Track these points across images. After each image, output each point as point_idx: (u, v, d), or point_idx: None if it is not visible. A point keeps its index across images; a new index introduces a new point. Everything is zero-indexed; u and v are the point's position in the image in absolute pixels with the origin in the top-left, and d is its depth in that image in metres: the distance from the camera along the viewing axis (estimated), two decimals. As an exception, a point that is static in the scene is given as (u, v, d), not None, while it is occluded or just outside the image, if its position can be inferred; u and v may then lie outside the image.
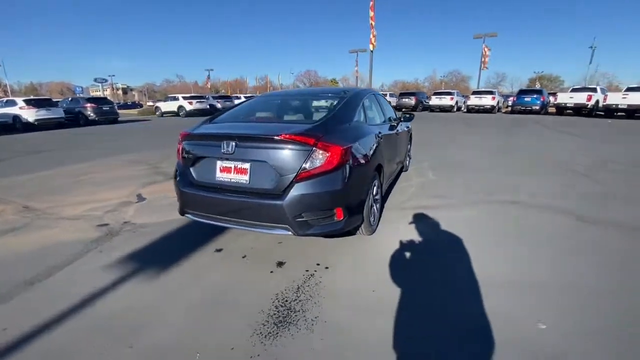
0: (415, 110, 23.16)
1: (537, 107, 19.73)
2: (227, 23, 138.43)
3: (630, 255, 2.53)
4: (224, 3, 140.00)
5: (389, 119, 3.96)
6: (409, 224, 3.19)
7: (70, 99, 18.34)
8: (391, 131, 3.64)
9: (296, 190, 2.17)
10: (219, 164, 2.40)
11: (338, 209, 2.29)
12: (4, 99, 15.41)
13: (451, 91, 24.39)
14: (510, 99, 24.69)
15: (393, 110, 4.44)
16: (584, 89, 18.59)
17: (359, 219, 2.56)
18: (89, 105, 16.61)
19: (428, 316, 1.88)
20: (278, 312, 1.93)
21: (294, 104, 3.52)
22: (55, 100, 16.96)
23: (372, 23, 19.85)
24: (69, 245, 2.86)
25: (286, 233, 2.25)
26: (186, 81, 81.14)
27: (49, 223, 3.37)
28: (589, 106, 17.67)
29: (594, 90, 17.97)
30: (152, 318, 1.91)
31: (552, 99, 21.06)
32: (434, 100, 23.62)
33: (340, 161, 2.25)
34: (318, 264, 2.47)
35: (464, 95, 27.02)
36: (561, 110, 19.16)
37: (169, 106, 22.84)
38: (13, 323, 1.87)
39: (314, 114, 3.21)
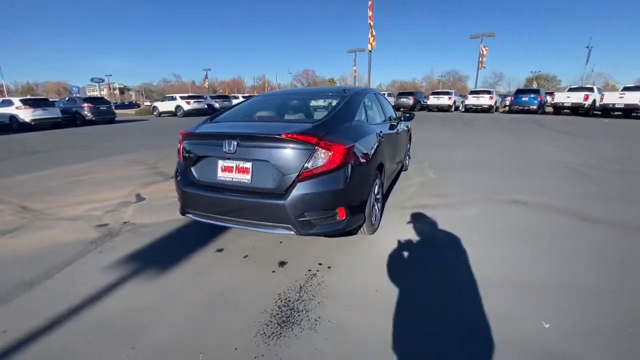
0: (413, 110, 23.21)
1: (535, 107, 19.84)
2: (225, 23, 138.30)
3: (631, 255, 2.53)
4: (221, 3, 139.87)
5: (389, 118, 3.97)
6: (410, 223, 3.18)
7: (67, 98, 18.23)
8: (391, 130, 3.64)
9: (298, 190, 2.16)
10: (221, 163, 2.38)
11: (340, 209, 2.28)
12: (0, 99, 15.28)
13: (449, 91, 24.43)
14: (508, 99, 24.79)
15: (393, 109, 4.44)
16: (581, 89, 18.70)
17: (361, 219, 2.55)
18: (86, 105, 16.53)
19: (430, 316, 1.87)
20: (281, 312, 1.92)
21: (295, 103, 3.50)
22: (52, 100, 16.83)
23: (371, 23, 19.86)
24: (68, 245, 2.83)
25: (288, 233, 2.23)
26: (183, 81, 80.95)
27: (48, 223, 3.34)
28: (586, 106, 17.77)
29: (591, 90, 18.09)
30: (154, 319, 1.89)
31: (550, 98, 21.16)
32: (432, 100, 23.67)
33: (343, 160, 2.24)
34: (320, 264, 2.46)
35: (461, 95, 27.10)
36: (558, 109, 19.27)
37: (166, 106, 22.75)
38: (13, 325, 1.85)
39: (315, 113, 3.20)
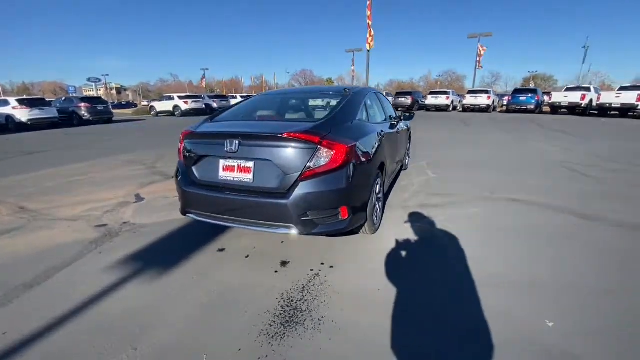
0: (411, 110, 23.24)
1: (532, 106, 19.93)
2: (223, 22, 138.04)
3: (630, 254, 2.53)
4: (219, 2, 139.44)
5: (390, 118, 3.96)
6: (411, 222, 3.18)
7: (64, 98, 18.10)
8: (392, 130, 3.63)
9: (301, 189, 2.15)
10: (222, 162, 2.36)
11: (343, 208, 2.27)
12: (-4, 99, 15.17)
13: (447, 90, 24.49)
14: (505, 98, 24.89)
15: (393, 108, 4.44)
16: (578, 88, 18.80)
17: (363, 218, 2.54)
18: (83, 105, 16.43)
19: (432, 315, 1.87)
20: (284, 312, 1.91)
21: (296, 103, 3.48)
22: (48, 100, 16.72)
23: (369, 22, 19.83)
24: (67, 246, 2.81)
25: (291, 232, 2.22)
26: (181, 80, 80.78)
27: (47, 224, 3.31)
28: (583, 105, 17.85)
29: (588, 90, 18.18)
30: (156, 319, 1.88)
31: (547, 98, 21.26)
32: (430, 100, 23.70)
33: (345, 159, 2.23)
34: (322, 264, 2.45)
35: (459, 95, 27.16)
36: (555, 109, 19.37)
37: (164, 106, 22.64)
38: (13, 326, 1.83)
39: (316, 113, 3.19)
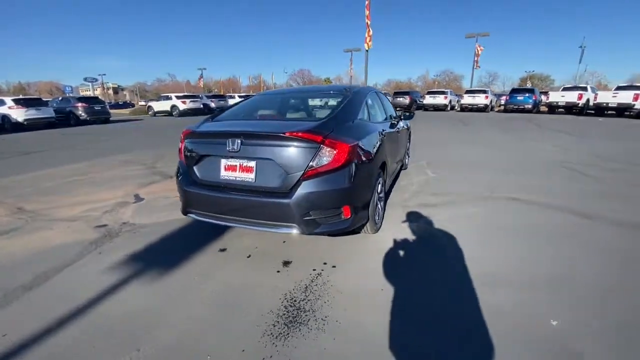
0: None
1: (530, 106, 20.01)
2: (220, 22, 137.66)
3: (630, 253, 2.54)
4: (217, 2, 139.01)
5: (390, 117, 3.96)
6: (412, 222, 3.18)
7: (60, 98, 18.00)
8: (392, 129, 3.63)
9: (303, 189, 2.14)
10: (224, 162, 2.35)
11: (345, 207, 2.26)
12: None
13: (445, 90, 24.55)
14: (503, 98, 24.98)
15: (393, 108, 4.43)
16: (575, 88, 18.88)
17: (365, 217, 2.53)
18: (80, 104, 16.31)
19: (435, 315, 1.86)
20: (287, 313, 1.90)
21: (297, 102, 3.47)
22: (45, 100, 16.59)
23: (368, 22, 19.83)
24: (66, 247, 2.78)
25: (293, 232, 2.21)
26: (178, 80, 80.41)
27: (45, 224, 3.28)
28: (580, 105, 17.95)
29: (585, 89, 18.27)
30: (158, 320, 1.86)
31: (544, 97, 21.35)
32: (428, 99, 23.75)
33: (348, 159, 2.22)
34: (325, 263, 2.44)
35: (457, 94, 27.23)
36: (553, 108, 19.46)
37: (161, 105, 22.56)
38: (13, 328, 1.81)
39: (318, 112, 3.18)
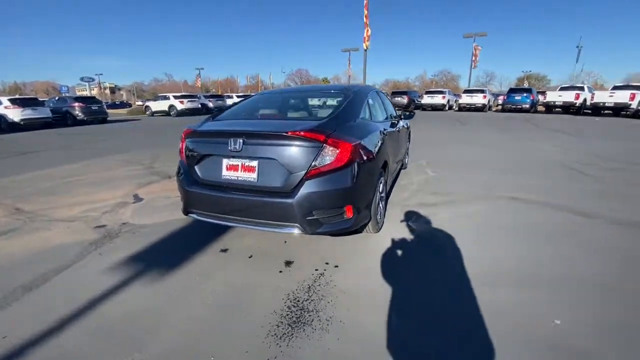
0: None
1: (527, 106, 20.10)
2: (218, 22, 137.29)
3: (631, 252, 2.55)
4: (215, 2, 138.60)
5: (391, 116, 3.95)
6: (413, 221, 3.17)
7: (57, 98, 17.87)
8: (393, 128, 3.62)
9: (306, 188, 2.13)
10: (226, 162, 2.33)
11: (348, 207, 2.25)
12: (-12, 99, 14.89)
13: (443, 90, 24.57)
14: (500, 98, 25.05)
15: (393, 107, 4.43)
16: (572, 88, 18.97)
17: (368, 217, 2.53)
18: (77, 104, 16.21)
19: (438, 315, 1.86)
20: (291, 313, 1.89)
21: (298, 101, 3.46)
22: (41, 100, 16.47)
23: (366, 22, 19.83)
24: (66, 247, 2.75)
25: (296, 232, 2.20)
26: (175, 80, 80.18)
27: (43, 225, 3.25)
28: (577, 104, 18.04)
29: (582, 89, 18.36)
30: (160, 322, 1.84)
31: (542, 97, 21.44)
32: (426, 99, 23.77)
33: (350, 158, 2.21)
34: (327, 263, 2.43)
35: (455, 94, 27.28)
36: (550, 108, 19.55)
37: (159, 105, 22.45)
38: (13, 330, 1.78)
39: (320, 111, 3.17)
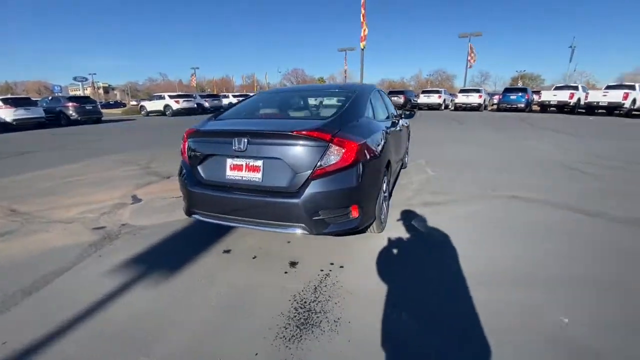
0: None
1: (522, 105, 20.28)
2: (214, 22, 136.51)
3: (632, 250, 2.56)
4: (210, 1, 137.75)
5: (392, 116, 3.94)
6: (416, 221, 3.16)
7: (50, 98, 17.61)
8: (394, 127, 3.62)
9: (312, 188, 2.11)
10: (229, 161, 2.30)
11: (354, 207, 2.23)
12: (-21, 98, 14.63)
13: (439, 89, 24.69)
14: (496, 97, 25.24)
15: (393, 106, 4.42)
16: (566, 87, 19.18)
17: (372, 217, 2.51)
18: (70, 104, 16.00)
19: (446, 314, 1.85)
20: (298, 314, 1.86)
21: (300, 101, 3.43)
22: (34, 100, 16.22)
23: (364, 20, 19.80)
24: (65, 249, 2.70)
25: (302, 232, 2.17)
26: (170, 79, 79.60)
27: (41, 227, 3.18)
28: (571, 104, 18.24)
29: (576, 89, 18.57)
30: (165, 324, 1.81)
31: (537, 97, 21.64)
32: (422, 99, 23.88)
33: (356, 157, 2.19)
34: (332, 263, 2.41)
35: (451, 94, 27.42)
36: (545, 107, 19.76)
37: (154, 105, 22.25)
38: (13, 335, 1.74)
39: (323, 110, 3.14)
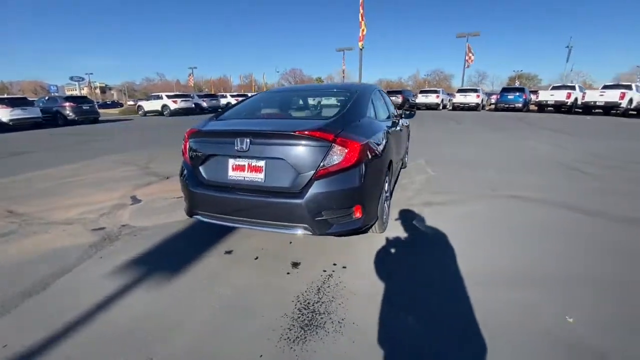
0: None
1: (520, 105, 20.35)
2: (211, 21, 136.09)
3: (631, 250, 2.57)
4: (207, 1, 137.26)
5: (392, 115, 3.94)
6: (418, 221, 3.16)
7: (47, 97, 17.51)
8: (395, 127, 3.61)
9: (315, 188, 2.10)
10: (232, 162, 2.29)
11: (357, 207, 2.22)
12: (-25, 98, 14.51)
13: (437, 89, 24.75)
14: (493, 97, 25.32)
15: (393, 106, 4.42)
16: (564, 87, 19.27)
17: (375, 217, 2.50)
18: (67, 104, 15.90)
19: (448, 314, 1.84)
20: (302, 315, 1.86)
21: (302, 100, 3.42)
22: (31, 100, 16.11)
23: (362, 20, 19.79)
24: (65, 251, 2.68)
25: (305, 233, 2.16)
26: (167, 79, 79.38)
27: (40, 228, 3.15)
28: (568, 103, 18.33)
29: (573, 88, 18.67)
30: (168, 326, 1.79)
31: (534, 96, 21.73)
32: (421, 99, 23.92)
33: (359, 157, 2.19)
34: (335, 264, 2.40)
35: (448, 94, 27.48)
36: (542, 107, 19.84)
37: (152, 105, 22.15)
38: (14, 338, 1.72)
39: (325, 110, 3.13)
